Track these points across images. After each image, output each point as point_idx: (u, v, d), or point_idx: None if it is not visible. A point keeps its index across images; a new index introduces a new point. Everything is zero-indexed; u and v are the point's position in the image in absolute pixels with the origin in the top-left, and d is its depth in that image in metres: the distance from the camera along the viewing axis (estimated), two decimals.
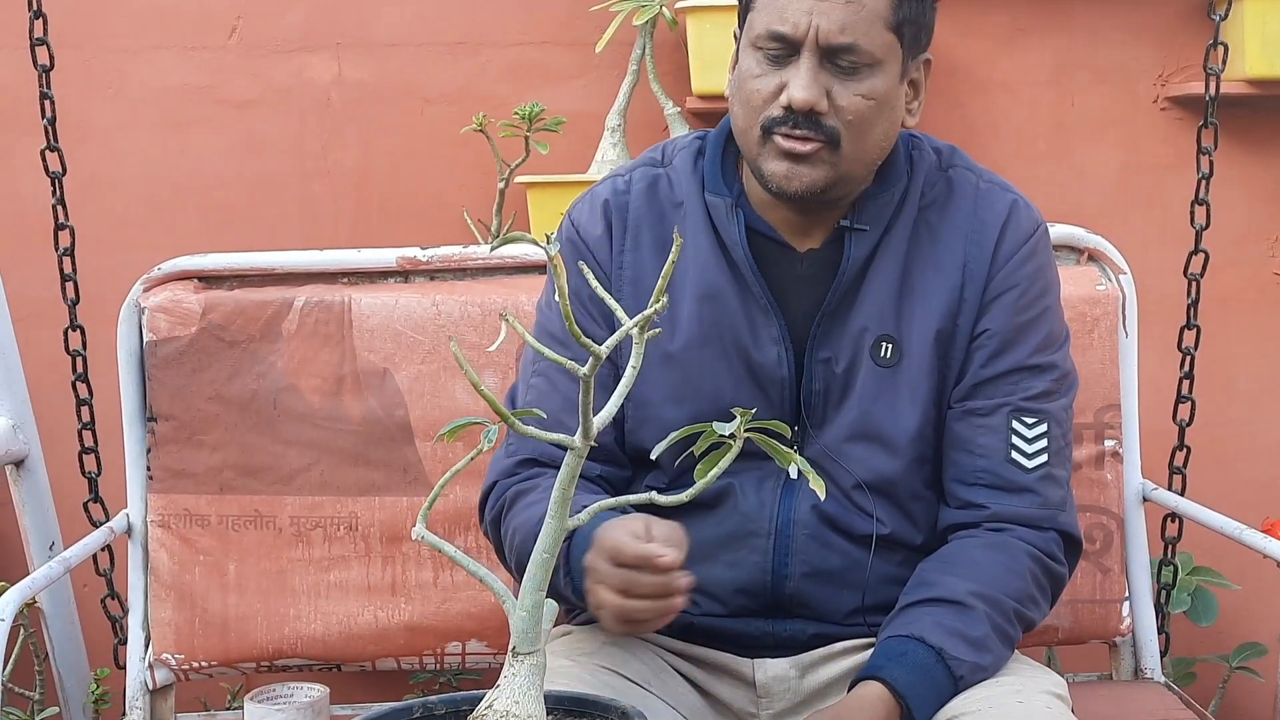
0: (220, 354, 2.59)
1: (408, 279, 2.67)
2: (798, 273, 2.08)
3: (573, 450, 1.52)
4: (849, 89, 1.96)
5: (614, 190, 2.16)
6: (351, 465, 2.60)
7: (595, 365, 1.48)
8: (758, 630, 2.10)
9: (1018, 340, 2.08)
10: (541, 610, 1.56)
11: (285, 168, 3.32)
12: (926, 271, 2.08)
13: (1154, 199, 3.31)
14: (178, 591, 2.60)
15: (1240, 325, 3.35)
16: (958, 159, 2.16)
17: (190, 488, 2.60)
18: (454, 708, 1.66)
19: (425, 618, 2.62)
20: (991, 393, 2.08)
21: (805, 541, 2.07)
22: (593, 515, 1.58)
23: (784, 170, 1.97)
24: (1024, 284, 2.09)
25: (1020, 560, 2.02)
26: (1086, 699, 2.49)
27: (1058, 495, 2.09)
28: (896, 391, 2.07)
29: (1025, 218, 2.13)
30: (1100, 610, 2.61)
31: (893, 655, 1.93)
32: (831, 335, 2.07)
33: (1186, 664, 3.13)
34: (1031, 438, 2.07)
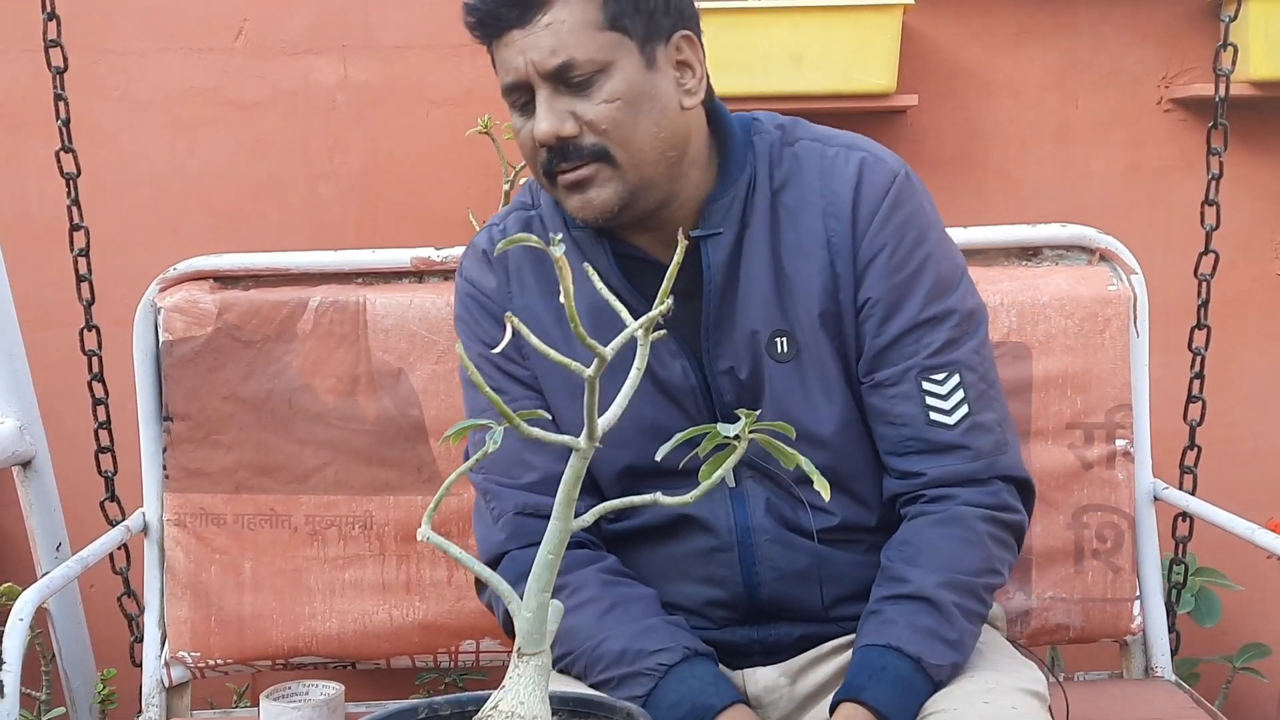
0: (236, 354, 2.60)
1: (422, 279, 2.67)
2: (674, 287, 2.03)
3: (578, 452, 1.52)
4: (591, 102, 1.91)
5: (490, 240, 2.16)
6: (366, 465, 2.61)
7: (600, 366, 1.47)
8: (744, 638, 2.10)
9: (903, 300, 2.02)
10: (546, 611, 1.56)
11: (291, 169, 3.33)
12: (795, 257, 2.02)
13: (1158, 200, 3.33)
14: (194, 590, 2.61)
15: (1245, 326, 3.36)
16: (800, 131, 2.09)
17: (206, 487, 2.61)
18: (459, 708, 1.65)
19: (440, 616, 2.62)
20: (894, 359, 2.02)
21: (769, 546, 2.05)
22: (596, 518, 1.58)
23: (577, 203, 1.96)
24: (893, 242, 2.02)
25: (976, 529, 1.99)
26: (1097, 697, 2.52)
27: (989, 441, 2.03)
28: (806, 384, 2.03)
29: (878, 173, 2.04)
30: (1111, 609, 2.61)
31: (873, 671, 1.90)
32: (724, 344, 2.03)
33: (1190, 664, 3.14)
34: (946, 393, 2.02)
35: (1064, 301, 2.57)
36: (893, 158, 2.07)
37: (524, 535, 2.07)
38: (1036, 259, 2.68)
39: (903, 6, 3.15)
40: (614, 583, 2.03)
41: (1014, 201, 3.34)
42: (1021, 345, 2.57)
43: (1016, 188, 3.36)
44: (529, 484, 2.08)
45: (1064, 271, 2.64)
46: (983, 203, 3.34)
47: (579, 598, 2.00)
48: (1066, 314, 2.57)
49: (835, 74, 3.17)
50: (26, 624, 2.24)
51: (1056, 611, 2.59)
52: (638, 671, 1.94)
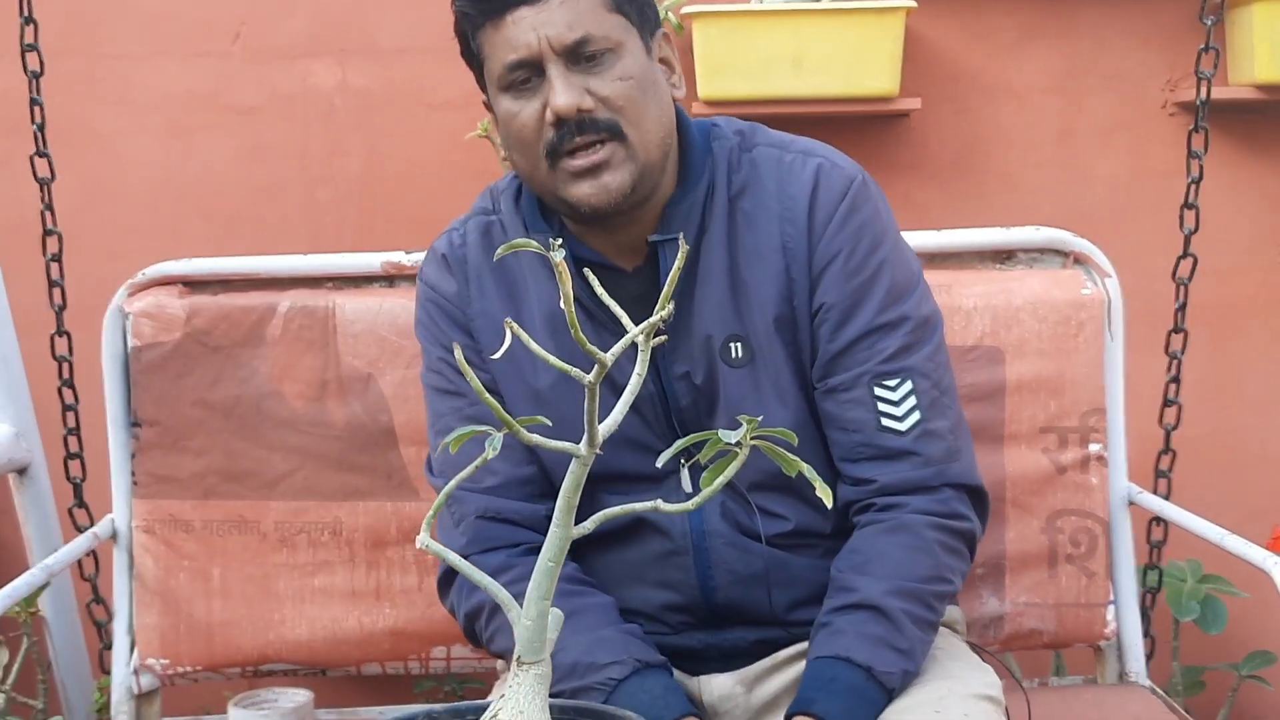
0: (204, 359, 2.60)
1: (392, 284, 2.67)
2: (632, 292, 2.01)
3: (578, 459, 1.51)
4: (605, 79, 1.92)
5: (450, 245, 2.16)
6: (335, 470, 2.60)
7: (601, 373, 1.47)
8: (700, 643, 2.09)
9: (858, 305, 2.02)
10: (546, 620, 1.56)
11: (289, 174, 3.33)
12: (751, 262, 2.02)
13: (1161, 204, 3.28)
14: (162, 597, 2.61)
15: (1248, 332, 3.32)
16: (759, 137, 2.09)
17: (175, 493, 2.60)
18: (459, 716, 1.65)
19: (410, 622, 2.61)
20: (847, 364, 2.02)
21: (723, 550, 2.05)
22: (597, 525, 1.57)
23: (588, 189, 1.94)
24: (848, 247, 2.01)
25: (924, 536, 1.98)
26: (1071, 703, 2.50)
27: (939, 449, 2.02)
28: (760, 389, 2.02)
29: (834, 178, 2.04)
30: (1085, 614, 2.58)
31: (823, 683, 1.89)
32: (680, 349, 2.03)
33: (1196, 673, 3.09)
34: (898, 400, 2.01)
35: (1038, 305, 2.55)
36: (849, 164, 2.07)
37: (484, 539, 2.07)
38: (1010, 262, 2.66)
39: (905, 10, 3.12)
40: (570, 592, 2.02)
41: (1016, 205, 3.30)
42: (995, 349, 2.54)
43: (1019, 191, 3.33)
44: (490, 488, 2.08)
45: (1038, 275, 2.62)
46: (985, 206, 3.31)
47: None
48: (1040, 317, 2.54)
49: (837, 77, 3.15)
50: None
51: (1030, 616, 2.56)
52: (589, 685, 1.93)
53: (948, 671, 2.00)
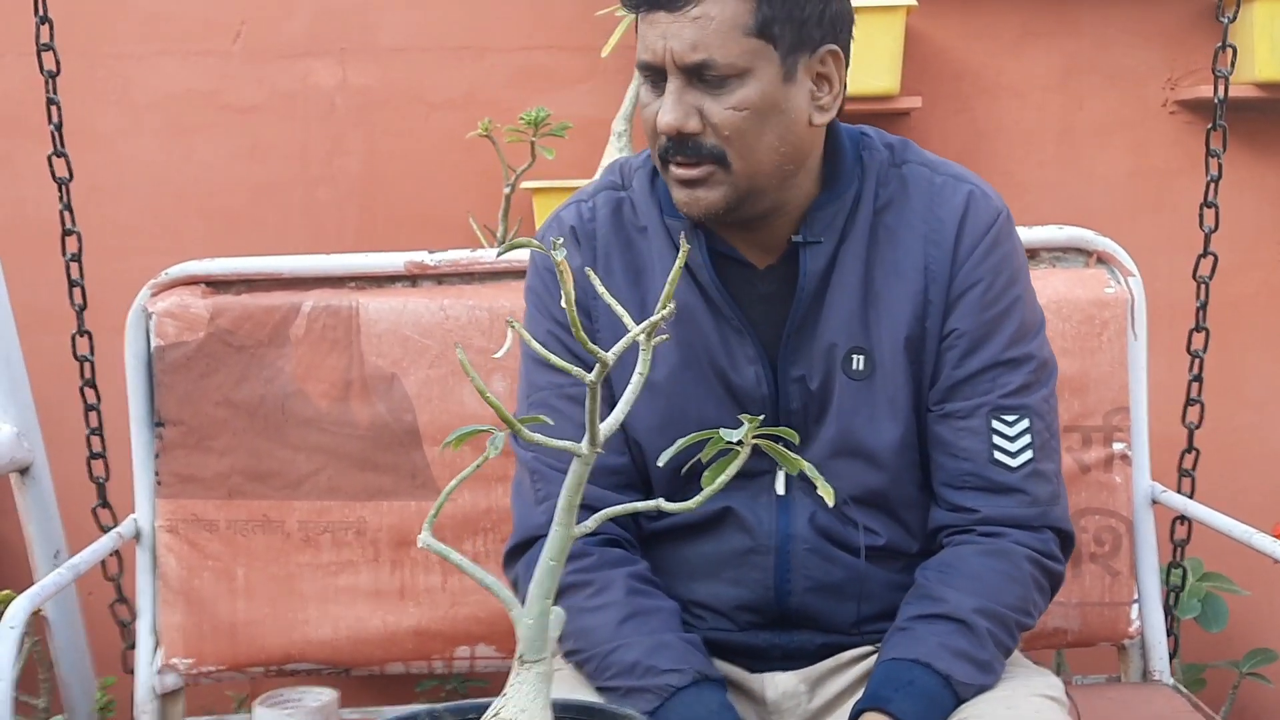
0: (228, 359, 2.58)
1: (415, 283, 2.66)
2: (761, 291, 2.03)
3: (579, 458, 1.51)
4: (719, 104, 1.89)
5: (580, 217, 2.11)
6: (359, 470, 2.59)
7: (602, 372, 1.46)
8: (765, 642, 2.09)
9: (989, 337, 2.03)
10: (548, 618, 1.55)
11: (290, 173, 3.32)
12: (889, 277, 2.02)
13: (1163, 202, 3.31)
14: (186, 596, 2.60)
15: (1252, 329, 3.35)
16: (910, 154, 2.08)
17: (198, 493, 2.59)
18: (461, 715, 1.64)
19: (434, 622, 2.61)
20: (969, 393, 2.03)
21: (805, 556, 2.05)
22: (599, 523, 1.57)
23: (684, 197, 1.94)
24: (989, 278, 2.03)
25: (1022, 567, 2.00)
26: (1095, 701, 2.50)
27: (1047, 491, 2.04)
28: (874, 404, 2.02)
29: (984, 208, 2.05)
30: (1109, 613, 2.60)
31: (900, 684, 1.89)
32: (801, 352, 2.03)
33: (1197, 670, 3.12)
34: (1014, 435, 2.02)
35: (1061, 304, 2.56)
36: (997, 196, 2.09)
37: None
38: (1034, 261, 2.66)
39: (906, 8, 3.14)
40: (639, 590, 2.02)
41: (1018, 204, 3.29)
42: None
43: (1021, 190, 3.35)
44: None
45: (1061, 274, 2.63)
46: None
47: (601, 599, 2.00)
48: (1064, 317, 2.56)
49: None
50: (18, 631, 2.22)
51: (1054, 615, 2.57)
52: (646, 687, 1.93)
53: (1012, 674, 2.01)
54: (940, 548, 2.06)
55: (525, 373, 2.15)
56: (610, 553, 2.03)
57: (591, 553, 2.03)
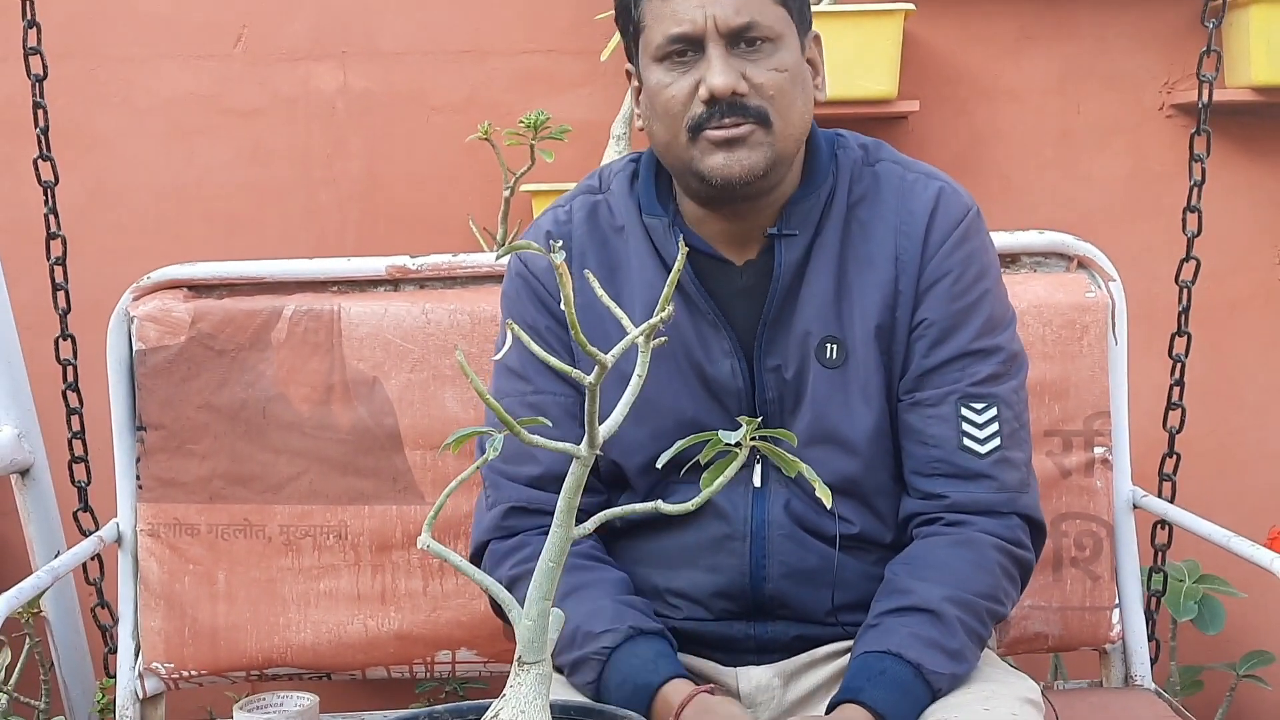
0: (209, 363, 2.59)
1: (397, 287, 2.67)
2: (738, 285, 2.08)
3: (578, 459, 1.52)
4: (761, 67, 1.97)
5: (555, 221, 2.16)
6: (341, 474, 2.60)
7: (601, 374, 1.48)
8: (740, 633, 2.11)
9: (958, 327, 2.07)
10: (547, 620, 1.56)
11: (291, 176, 3.34)
12: (861, 269, 2.07)
13: (1160, 206, 3.29)
14: (167, 600, 2.60)
15: (1247, 332, 3.33)
16: (884, 153, 2.15)
17: (180, 497, 2.60)
18: (460, 717, 1.66)
19: (415, 626, 2.61)
20: (938, 381, 2.07)
21: (781, 542, 2.07)
22: (598, 524, 1.58)
23: (721, 160, 1.98)
24: (957, 270, 2.08)
25: (988, 555, 2.02)
26: (1076, 706, 2.50)
27: (1015, 478, 2.07)
28: (847, 391, 2.06)
29: (954, 203, 2.11)
30: (1090, 617, 2.59)
31: (872, 674, 1.92)
32: (776, 342, 2.07)
33: (1193, 672, 3.11)
34: (982, 423, 2.06)
35: (1042, 309, 2.55)
36: (967, 194, 2.15)
37: (505, 528, 2.11)
38: (1015, 266, 2.66)
39: (904, 12, 3.13)
40: (580, 567, 2.06)
41: (1015, 207, 3.31)
42: None
43: (1018, 194, 3.34)
44: (531, 478, 2.12)
45: (1042, 279, 2.62)
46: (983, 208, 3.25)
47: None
48: (1044, 321, 2.55)
49: (837, 80, 3.14)
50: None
51: (1035, 620, 2.57)
52: (586, 656, 1.99)
53: (990, 676, 2.03)
54: (911, 539, 2.08)
55: (494, 379, 2.19)
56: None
57: (529, 543, 2.08)
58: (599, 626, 1.98)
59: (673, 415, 2.06)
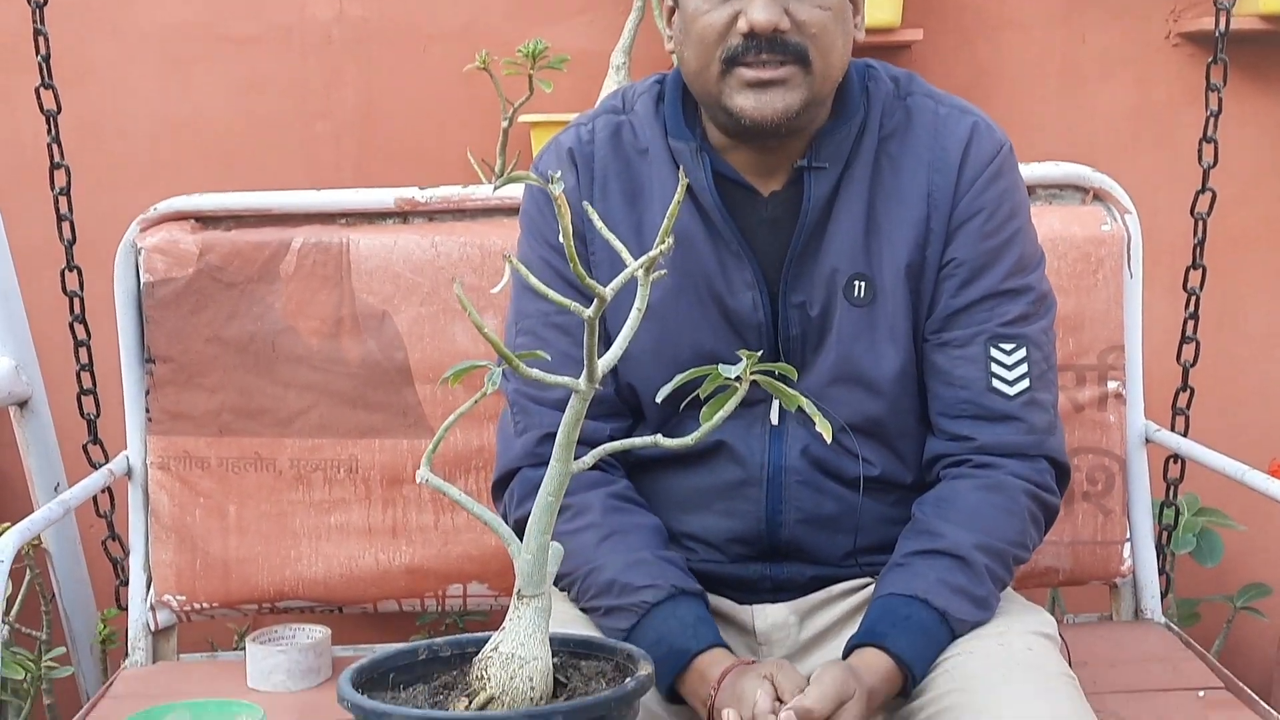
0: (218, 295, 2.58)
1: (406, 220, 2.65)
2: (763, 216, 2.04)
3: (578, 394, 1.52)
4: (806, 3, 1.92)
5: (578, 140, 2.12)
6: (351, 408, 2.59)
7: (600, 307, 1.47)
8: (756, 574, 2.10)
9: (988, 266, 2.04)
10: (547, 554, 1.57)
11: (286, 107, 3.30)
12: (891, 205, 2.04)
13: (1166, 138, 3.28)
14: (178, 533, 2.60)
15: (1251, 265, 3.32)
16: (915, 86, 2.11)
17: (189, 430, 2.59)
18: (460, 649, 1.67)
19: (426, 560, 2.61)
20: (966, 322, 2.05)
21: (797, 487, 2.05)
22: (597, 459, 1.58)
23: (753, 102, 1.93)
24: (990, 208, 2.05)
25: (1019, 501, 2.01)
26: (1087, 639, 2.51)
27: (1044, 420, 2.06)
28: (874, 331, 2.04)
29: (987, 140, 2.08)
30: (1101, 551, 2.60)
31: (896, 619, 1.91)
32: (803, 278, 2.04)
33: (1191, 605, 3.12)
34: (1011, 364, 2.04)
35: (1057, 242, 2.53)
36: (1000, 129, 2.11)
37: (539, 455, 2.05)
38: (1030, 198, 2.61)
39: None
40: (617, 509, 2.04)
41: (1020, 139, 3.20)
42: None
43: (1022, 125, 3.31)
44: (558, 402, 2.05)
45: (1057, 211, 2.61)
46: None
47: (580, 521, 2.01)
48: (1059, 254, 2.54)
49: None
50: (8, 564, 2.22)
51: (1046, 554, 2.57)
52: (622, 606, 1.96)
53: (1005, 611, 2.02)
54: (936, 480, 2.07)
55: (515, 298, 2.16)
56: (587, 475, 2.03)
57: None
58: (640, 580, 1.96)
59: (690, 347, 2.04)
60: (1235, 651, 3.22)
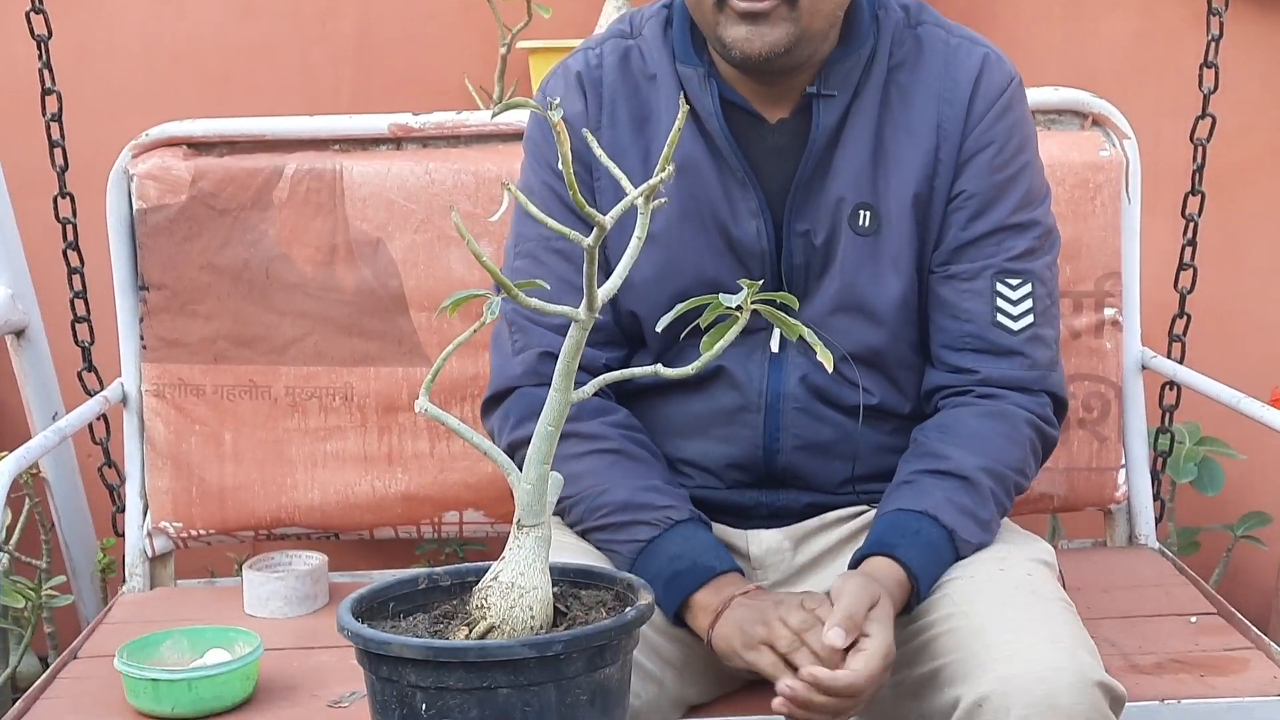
0: (211, 222, 2.57)
1: (400, 146, 2.64)
2: (770, 143, 2.04)
3: (577, 323, 1.51)
4: None
5: (586, 64, 2.11)
6: (346, 336, 2.59)
7: (600, 235, 1.46)
8: (752, 500, 2.11)
9: (997, 199, 2.05)
10: (546, 483, 1.56)
11: (283, 32, 3.27)
12: (899, 135, 2.04)
13: (1169, 64, 3.25)
14: (174, 461, 2.61)
15: (1253, 194, 3.30)
16: (926, 15, 2.10)
17: (184, 357, 2.59)
18: (460, 579, 1.67)
19: (422, 487, 2.62)
20: (974, 255, 2.05)
21: (795, 415, 2.06)
22: (596, 389, 1.57)
23: (744, 33, 1.92)
24: (1000, 140, 2.05)
25: (1021, 430, 2.02)
26: (1081, 565, 2.53)
27: (1046, 356, 2.07)
28: (878, 260, 2.04)
29: (998, 72, 2.08)
30: (1096, 478, 2.61)
31: (906, 532, 1.92)
32: (808, 206, 2.04)
33: (1191, 533, 3.13)
34: (1016, 299, 2.05)
35: (1055, 167, 2.50)
36: (1010, 62, 2.11)
37: (539, 374, 2.06)
38: None
39: None
40: (627, 436, 2.05)
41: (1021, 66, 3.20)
42: None
43: (1024, 52, 3.25)
44: (558, 325, 2.04)
45: (1056, 137, 2.60)
46: None
47: (587, 446, 2.01)
48: (1057, 180, 2.50)
49: None
50: (4, 493, 2.22)
51: (1041, 481, 2.56)
52: (642, 520, 1.96)
53: (1005, 538, 2.04)
54: (935, 410, 2.08)
55: (516, 221, 2.16)
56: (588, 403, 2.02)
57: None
58: (660, 500, 1.97)
59: (693, 275, 2.04)
60: (1235, 580, 3.22)
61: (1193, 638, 2.31)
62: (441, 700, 1.49)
